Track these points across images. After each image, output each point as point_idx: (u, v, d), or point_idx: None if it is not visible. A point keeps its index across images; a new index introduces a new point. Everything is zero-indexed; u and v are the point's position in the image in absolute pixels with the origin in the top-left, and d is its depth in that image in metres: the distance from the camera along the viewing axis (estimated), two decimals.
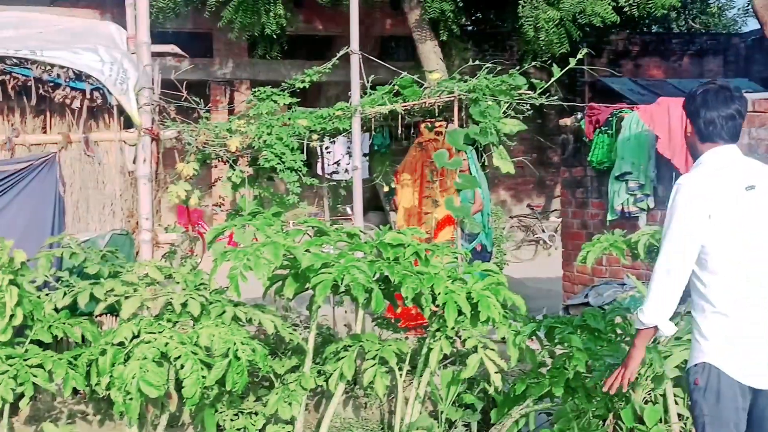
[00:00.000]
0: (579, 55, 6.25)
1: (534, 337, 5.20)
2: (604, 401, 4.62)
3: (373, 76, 6.60)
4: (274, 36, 14.63)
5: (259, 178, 6.37)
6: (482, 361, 4.84)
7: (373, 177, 7.91)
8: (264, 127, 5.99)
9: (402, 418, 5.12)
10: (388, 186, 7.77)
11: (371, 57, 6.44)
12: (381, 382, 4.83)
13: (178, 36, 13.60)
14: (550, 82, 6.28)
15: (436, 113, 6.58)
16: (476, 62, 6.75)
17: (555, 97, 6.53)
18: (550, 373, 4.65)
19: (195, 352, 4.35)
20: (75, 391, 4.89)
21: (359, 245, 4.81)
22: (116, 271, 5.04)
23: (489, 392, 5.31)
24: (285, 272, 4.75)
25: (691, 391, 3.42)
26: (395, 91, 6.47)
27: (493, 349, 4.90)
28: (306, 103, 7.32)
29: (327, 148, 6.97)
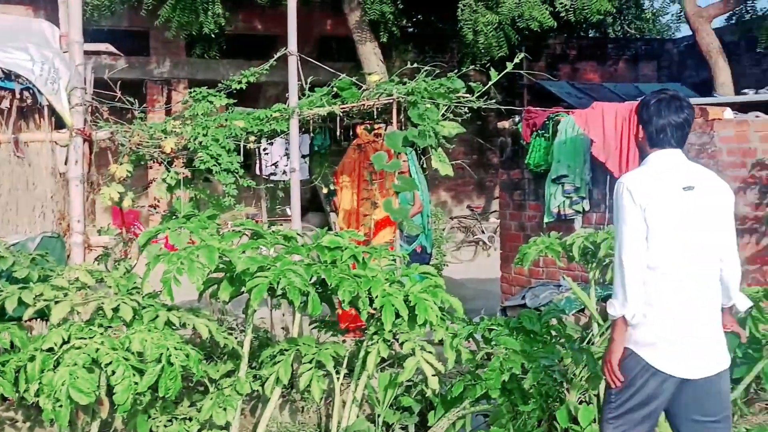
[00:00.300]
0: (516, 59, 6.29)
1: (471, 339, 5.24)
2: (539, 402, 4.66)
3: (313, 77, 6.56)
4: (213, 35, 14.48)
5: (195, 179, 6.28)
6: (420, 363, 4.84)
7: (312, 178, 7.87)
8: (200, 128, 5.91)
9: (339, 422, 5.10)
10: (326, 188, 7.73)
11: (309, 58, 6.40)
12: (318, 386, 4.80)
13: (114, 34, 13.38)
14: (488, 86, 6.32)
15: (375, 115, 6.57)
16: (417, 64, 6.76)
17: (493, 101, 6.56)
18: (486, 375, 4.67)
19: (127, 358, 4.26)
20: (3, 397, 4.76)
21: (296, 248, 4.77)
22: (46, 275, 4.91)
23: (426, 395, 5.31)
24: (221, 275, 4.69)
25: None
26: (334, 93, 6.44)
27: (430, 352, 4.90)
28: (246, 103, 7.24)
29: (265, 149, 6.91)
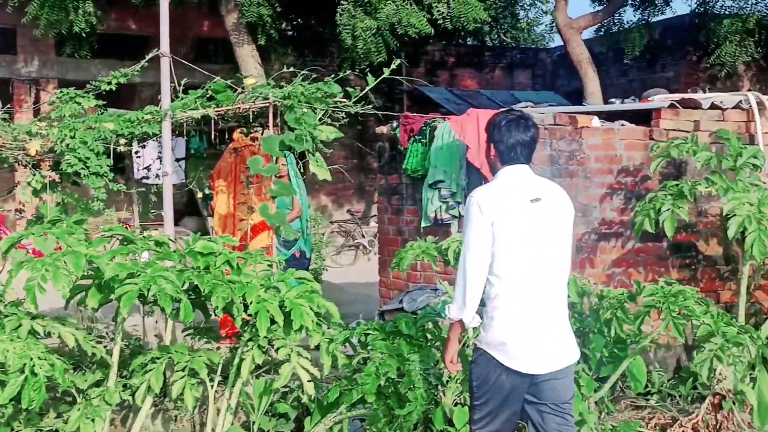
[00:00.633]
0: (393, 65, 6.34)
1: (348, 344, 5.24)
2: (415, 405, 4.70)
3: (188, 79, 6.42)
4: (84, 34, 14.01)
5: (63, 183, 6.05)
6: (295, 369, 4.81)
7: (188, 182, 7.71)
8: (67, 129, 5.70)
9: (213, 430, 5.01)
10: (201, 192, 7.59)
11: (182, 60, 6.25)
12: (190, 394, 4.72)
13: None
14: (364, 91, 6.33)
15: (251, 119, 6.50)
16: (295, 68, 6.72)
17: (370, 106, 6.58)
18: (362, 380, 4.68)
19: None
20: None
21: (168, 254, 4.66)
22: None
23: (303, 401, 5.28)
24: (89, 282, 4.54)
25: (471, 367, 4.00)
26: (209, 96, 6.32)
27: (306, 358, 4.88)
28: (120, 104, 7.05)
29: (137, 152, 6.73)
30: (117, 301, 4.28)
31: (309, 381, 4.84)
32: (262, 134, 6.84)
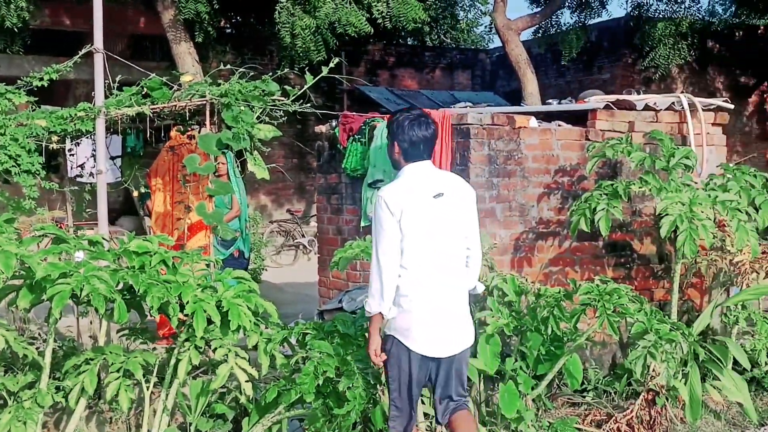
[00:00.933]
0: (331, 64, 6.33)
1: (286, 344, 5.21)
2: (353, 405, 4.70)
3: (124, 76, 6.32)
4: (16, 29, 13.66)
5: None
6: (233, 369, 4.77)
7: (123, 180, 7.59)
8: None
9: (149, 431, 4.94)
10: (137, 191, 7.47)
11: (116, 56, 6.14)
12: (125, 396, 4.64)
13: None
14: (303, 89, 6.31)
15: (188, 117, 6.42)
16: (234, 66, 6.65)
17: (308, 105, 6.55)
18: (300, 380, 4.66)
19: None
20: None
21: (102, 253, 4.58)
22: None
23: (241, 401, 5.24)
24: (21, 282, 4.43)
25: (386, 354, 4.23)
26: (144, 93, 6.22)
27: (244, 358, 4.85)
28: (55, 101, 6.89)
29: (70, 150, 6.59)
30: (49, 301, 4.20)
31: (247, 381, 4.81)
32: (199, 132, 6.76)
